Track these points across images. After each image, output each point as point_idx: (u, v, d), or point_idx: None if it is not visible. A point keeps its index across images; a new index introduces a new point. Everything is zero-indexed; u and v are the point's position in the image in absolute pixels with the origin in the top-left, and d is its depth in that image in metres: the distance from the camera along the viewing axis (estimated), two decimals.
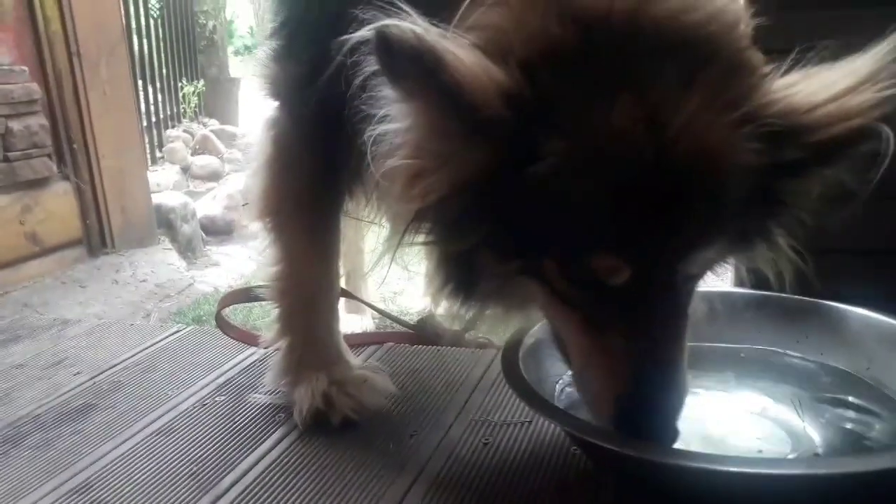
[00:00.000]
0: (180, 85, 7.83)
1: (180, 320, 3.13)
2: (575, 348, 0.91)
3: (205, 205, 5.05)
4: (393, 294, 3.05)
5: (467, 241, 0.87)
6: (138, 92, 5.90)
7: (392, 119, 0.82)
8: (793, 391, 1.09)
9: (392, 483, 1.05)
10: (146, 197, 3.90)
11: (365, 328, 1.84)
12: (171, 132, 7.27)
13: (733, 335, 1.18)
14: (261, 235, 1.32)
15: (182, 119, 7.78)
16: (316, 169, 1.22)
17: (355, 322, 1.85)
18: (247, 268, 4.10)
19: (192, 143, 7.17)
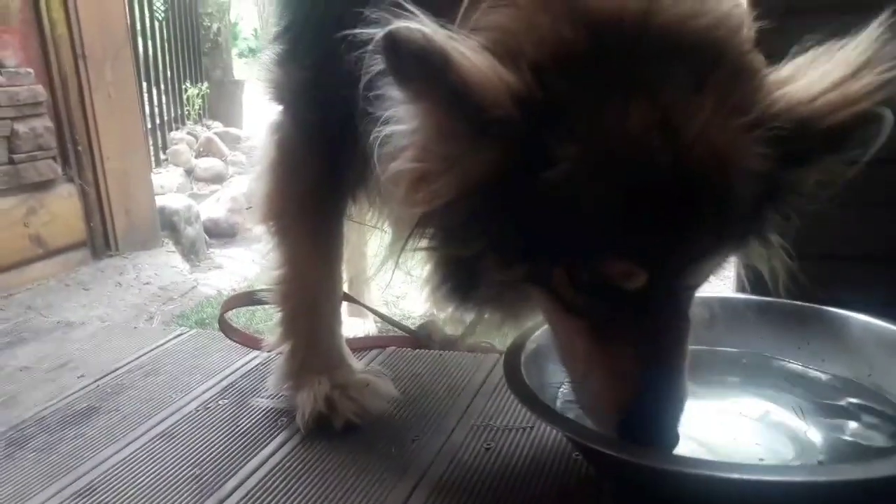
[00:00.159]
0: (184, 87, 7.84)
1: (183, 323, 3.13)
2: (579, 355, 0.90)
3: (208, 207, 5.06)
4: (396, 298, 3.05)
5: (472, 247, 0.87)
6: (143, 94, 5.92)
7: (398, 120, 0.81)
8: (794, 397, 1.09)
9: (394, 487, 1.06)
10: (150, 199, 3.90)
11: (367, 332, 1.84)
12: (175, 134, 7.28)
13: (735, 341, 1.19)
14: (264, 239, 1.32)
15: (186, 121, 7.79)
16: (319, 173, 1.22)
17: (358, 326, 1.85)
18: (250, 271, 4.10)
19: (196, 146, 7.18)
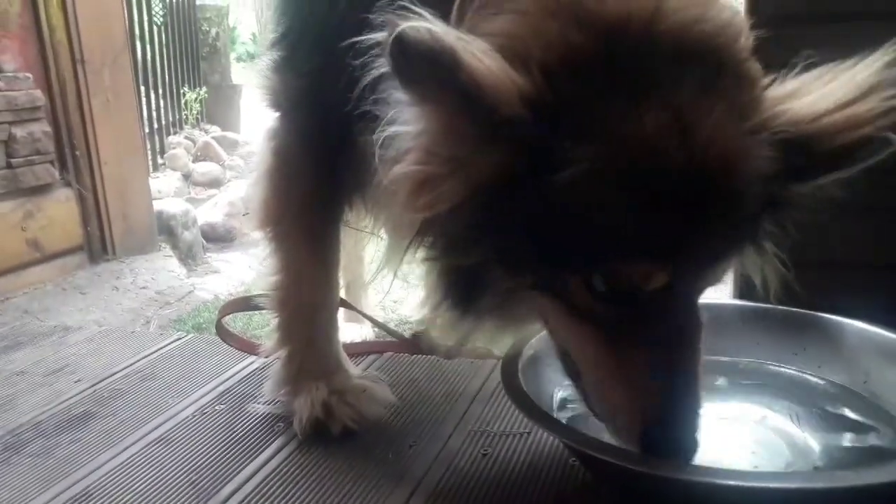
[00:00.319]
0: (182, 91, 7.85)
1: (180, 328, 3.13)
2: (592, 364, 0.88)
3: (206, 212, 5.06)
4: (393, 303, 3.05)
5: (476, 255, 0.85)
6: (140, 98, 5.91)
7: (401, 123, 0.80)
8: (790, 404, 1.09)
9: (391, 493, 1.06)
10: (147, 204, 3.90)
11: (364, 337, 1.84)
12: (173, 139, 7.28)
13: (732, 347, 1.18)
14: (261, 244, 1.32)
15: (184, 126, 7.79)
16: (316, 179, 1.22)
17: (355, 331, 1.85)
18: (247, 275, 4.10)
19: (194, 150, 7.18)
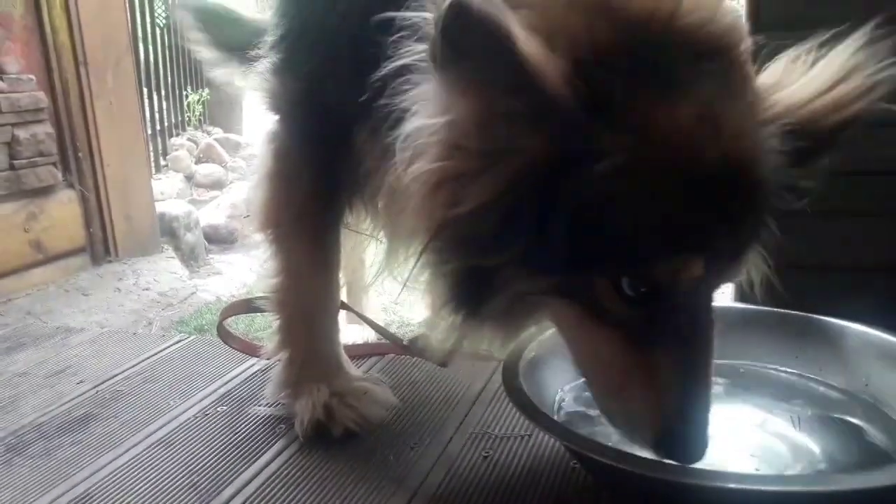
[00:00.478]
0: (185, 93, 7.86)
1: (182, 329, 3.13)
2: (614, 368, 0.87)
3: (208, 213, 5.06)
4: (394, 304, 3.05)
5: (497, 258, 0.83)
6: (143, 100, 5.93)
7: (424, 116, 0.78)
8: (791, 407, 1.10)
9: (392, 495, 1.06)
10: (150, 205, 3.91)
11: (366, 339, 1.84)
12: (176, 140, 7.29)
13: (732, 350, 1.18)
14: (262, 247, 1.32)
15: (186, 127, 7.80)
16: (316, 182, 1.22)
17: (356, 333, 1.85)
18: (249, 277, 4.10)
19: (196, 152, 7.19)
